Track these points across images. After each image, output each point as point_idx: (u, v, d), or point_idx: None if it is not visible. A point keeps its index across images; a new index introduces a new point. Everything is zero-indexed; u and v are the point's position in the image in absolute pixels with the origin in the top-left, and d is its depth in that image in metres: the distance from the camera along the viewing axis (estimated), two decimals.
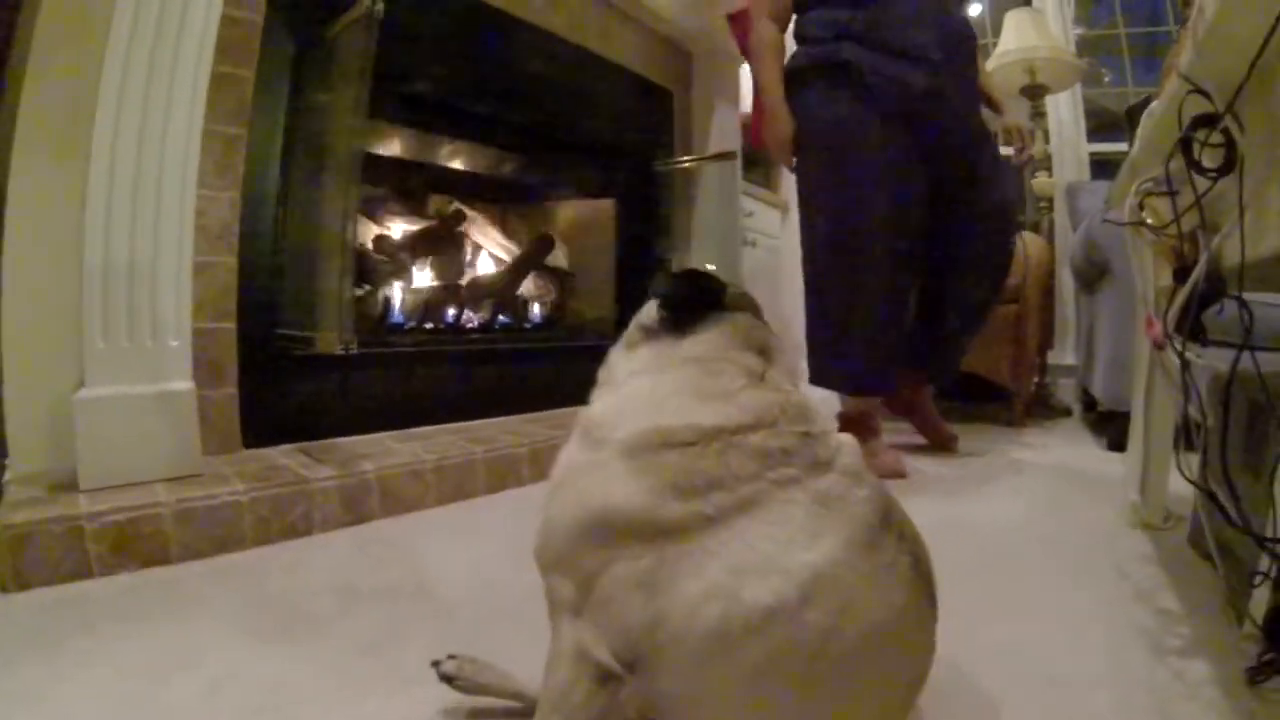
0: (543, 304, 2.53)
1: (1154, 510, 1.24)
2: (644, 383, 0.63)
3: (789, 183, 3.86)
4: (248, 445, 1.50)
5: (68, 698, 0.75)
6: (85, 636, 0.88)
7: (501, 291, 2.42)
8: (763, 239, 3.22)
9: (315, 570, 1.15)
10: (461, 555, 1.26)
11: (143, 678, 0.79)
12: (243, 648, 0.87)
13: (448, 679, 0.73)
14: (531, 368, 2.22)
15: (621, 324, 0.71)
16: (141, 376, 1.19)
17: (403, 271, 2.14)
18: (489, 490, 1.71)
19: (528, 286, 2.56)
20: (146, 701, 0.75)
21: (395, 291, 2.08)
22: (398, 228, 2.18)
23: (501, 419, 2.09)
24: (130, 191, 1.17)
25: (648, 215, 2.63)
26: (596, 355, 0.72)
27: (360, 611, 0.99)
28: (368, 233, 2.08)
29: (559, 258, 2.64)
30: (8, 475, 1.13)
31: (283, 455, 1.50)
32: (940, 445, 2.11)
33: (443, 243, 2.29)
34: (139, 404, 1.18)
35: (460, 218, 2.33)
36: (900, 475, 1.79)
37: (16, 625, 0.90)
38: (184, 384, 1.26)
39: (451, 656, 0.75)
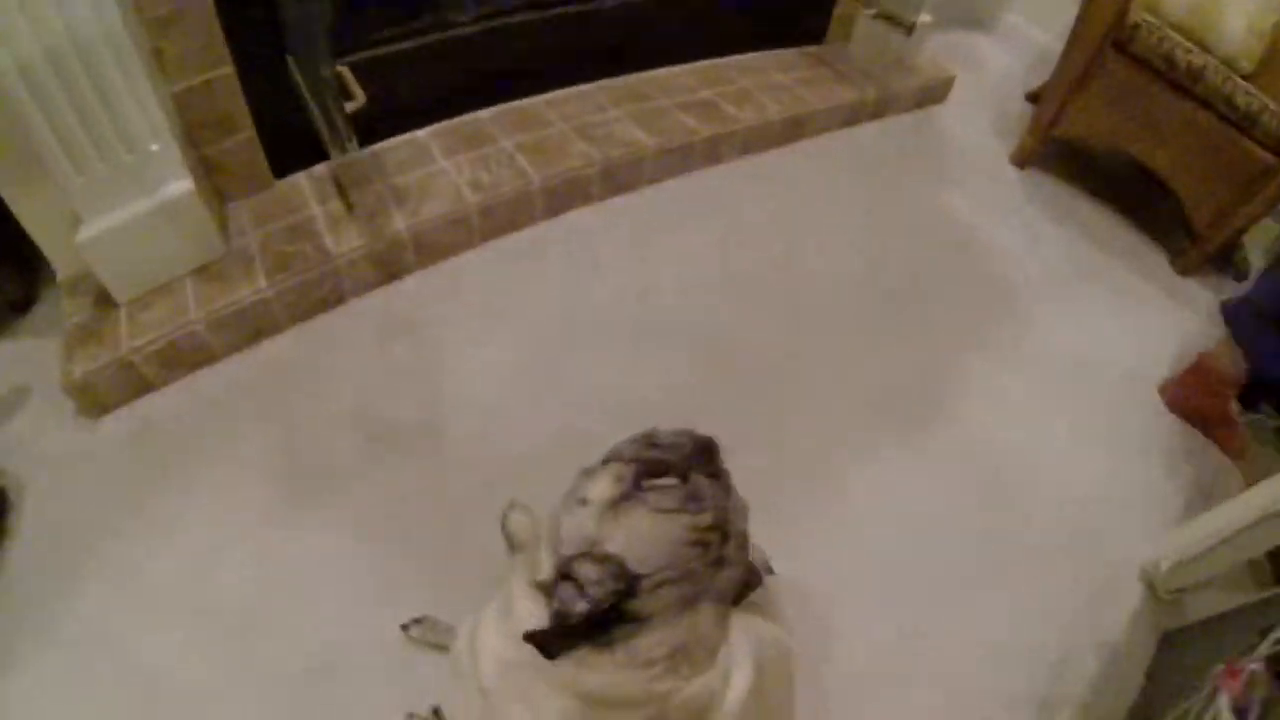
0: None
1: (1173, 578, 1.13)
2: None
3: None
4: (280, 174, 1.40)
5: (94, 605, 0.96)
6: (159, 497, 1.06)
7: None
8: None
9: (338, 394, 1.23)
10: (485, 358, 1.31)
11: (187, 571, 1.00)
12: (260, 526, 1.04)
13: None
14: (620, 21, 1.76)
15: None
16: (134, 194, 1.07)
17: None
18: (547, 216, 1.62)
19: None
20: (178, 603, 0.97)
21: None
22: None
23: (578, 89, 1.79)
24: None
25: None
26: None
27: (367, 474, 1.12)
28: None
29: None
30: (60, 275, 1.16)
31: (314, 190, 1.41)
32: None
33: None
34: (141, 222, 1.10)
35: None
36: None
37: (101, 478, 1.07)
38: (181, 184, 1.12)
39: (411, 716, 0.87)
